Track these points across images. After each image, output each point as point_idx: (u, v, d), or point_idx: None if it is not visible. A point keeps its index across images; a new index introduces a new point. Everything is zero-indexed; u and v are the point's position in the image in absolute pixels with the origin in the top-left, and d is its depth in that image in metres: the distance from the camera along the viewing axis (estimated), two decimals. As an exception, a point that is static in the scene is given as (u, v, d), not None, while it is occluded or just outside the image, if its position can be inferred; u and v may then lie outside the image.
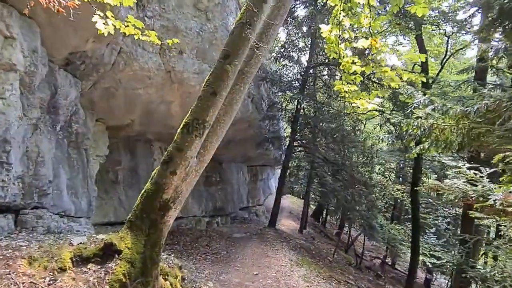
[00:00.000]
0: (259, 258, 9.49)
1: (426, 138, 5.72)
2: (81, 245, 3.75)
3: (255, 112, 12.19)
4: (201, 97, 4.06)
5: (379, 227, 14.44)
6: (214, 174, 15.54)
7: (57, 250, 3.53)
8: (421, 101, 5.93)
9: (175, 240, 10.68)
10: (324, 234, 20.59)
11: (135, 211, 4.03)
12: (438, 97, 6.24)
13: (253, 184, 21.69)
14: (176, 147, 3.98)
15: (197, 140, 3.99)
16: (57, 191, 6.38)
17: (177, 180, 4.01)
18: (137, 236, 3.91)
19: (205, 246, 10.51)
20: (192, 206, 13.08)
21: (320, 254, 13.19)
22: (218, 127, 4.31)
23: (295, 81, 14.06)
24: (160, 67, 7.44)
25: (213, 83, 4.04)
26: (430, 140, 5.67)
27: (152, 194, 3.98)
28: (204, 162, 4.30)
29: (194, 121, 4.00)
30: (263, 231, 13.03)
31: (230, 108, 4.37)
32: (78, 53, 6.05)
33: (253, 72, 4.52)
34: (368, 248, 21.29)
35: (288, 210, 23.68)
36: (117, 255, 3.73)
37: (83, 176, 7.54)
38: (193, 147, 3.97)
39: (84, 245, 3.77)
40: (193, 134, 3.96)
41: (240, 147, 14.50)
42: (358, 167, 14.20)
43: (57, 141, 6.45)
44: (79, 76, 6.54)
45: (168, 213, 4.05)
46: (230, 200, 16.73)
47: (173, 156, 3.96)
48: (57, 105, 6.02)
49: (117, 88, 7.33)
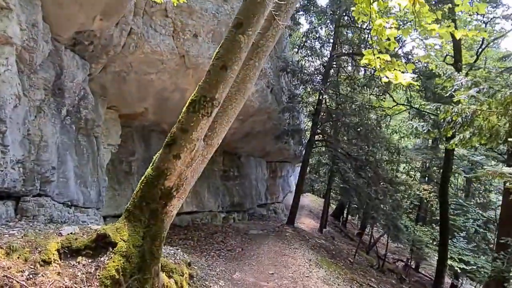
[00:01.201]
0: (276, 256, 8.97)
1: (468, 126, 5.03)
2: (71, 236, 3.34)
3: (274, 103, 11.66)
4: (210, 71, 3.57)
5: (404, 228, 13.63)
6: (232, 168, 15.12)
7: (43, 240, 3.12)
8: (463, 83, 5.21)
9: (189, 235, 10.29)
10: (345, 234, 19.85)
11: (133, 200, 3.60)
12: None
13: (272, 180, 21.16)
14: (181, 128, 3.51)
15: (204, 120, 3.50)
16: (63, 179, 6.06)
17: (181, 165, 3.54)
18: (135, 228, 3.47)
19: (220, 242, 10.08)
20: (208, 201, 12.69)
21: (341, 255, 12.54)
22: (229, 107, 3.81)
23: (316, 74, 13.40)
24: (173, 51, 7.01)
25: (224, 56, 3.54)
26: (473, 128, 4.98)
27: (152, 180, 3.53)
28: (213, 146, 3.81)
29: (201, 98, 3.51)
30: (281, 228, 12.49)
31: (243, 86, 3.86)
32: (85, 32, 5.68)
33: (270, 46, 3.99)
34: (391, 250, 20.39)
35: (308, 208, 23.04)
36: (111, 248, 3.30)
37: (93, 165, 7.21)
38: (199, 128, 3.48)
39: (75, 236, 3.35)
40: (200, 113, 3.47)
41: (258, 140, 14.01)
42: (383, 164, 13.41)
43: (64, 127, 6.12)
44: (87, 58, 6.18)
45: (170, 203, 3.60)
46: (248, 195, 16.27)
47: (177, 138, 3.50)
48: (62, 87, 5.68)
49: (128, 72, 6.96)
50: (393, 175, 13.35)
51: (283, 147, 15.90)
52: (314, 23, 13.47)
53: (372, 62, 3.44)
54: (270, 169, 21.02)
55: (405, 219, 15.30)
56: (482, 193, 19.68)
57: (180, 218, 11.16)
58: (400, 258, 19.94)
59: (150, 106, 8.55)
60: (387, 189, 11.91)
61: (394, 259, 19.84)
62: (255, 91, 9.84)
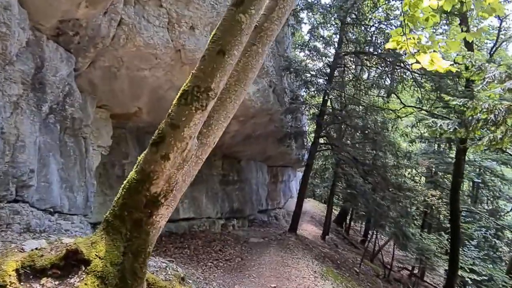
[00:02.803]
0: (278, 267, 8.36)
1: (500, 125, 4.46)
2: (35, 252, 2.76)
3: (276, 104, 11.09)
4: (205, 57, 3.01)
5: (411, 236, 13.01)
6: (232, 172, 14.52)
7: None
8: (496, 75, 4.64)
9: (186, 243, 9.69)
10: (348, 241, 19.23)
11: (113, 208, 3.02)
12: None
13: (273, 185, 20.56)
14: (170, 123, 2.95)
15: (198, 115, 2.94)
16: (45, 183, 5.49)
17: (171, 168, 2.97)
18: (114, 242, 2.89)
19: (218, 251, 9.48)
20: (206, 207, 12.09)
21: (346, 264, 11.92)
22: (227, 100, 3.25)
23: (321, 75, 12.85)
24: (168, 44, 6.46)
25: (221, 39, 2.98)
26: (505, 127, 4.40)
27: (136, 186, 2.96)
28: (208, 145, 3.24)
29: (195, 88, 2.95)
30: (283, 236, 11.89)
31: (244, 75, 3.31)
32: (70, 21, 5.15)
33: (275, 30, 3.44)
34: (395, 257, 19.77)
35: (310, 214, 22.43)
36: (84, 267, 2.72)
37: (80, 168, 6.65)
38: (192, 123, 2.92)
39: (40, 252, 2.78)
40: (193, 106, 2.92)
41: (259, 143, 13.44)
42: (392, 169, 12.82)
43: (47, 126, 5.58)
44: (73, 51, 5.63)
45: (157, 212, 3.02)
46: (248, 201, 15.66)
47: (166, 135, 2.94)
48: (44, 81, 5.12)
49: (118, 67, 6.41)
50: (401, 181, 12.73)
51: (285, 151, 15.32)
52: (318, 20, 12.94)
53: (402, 45, 2.87)
54: (271, 173, 20.44)
55: (414, 227, 14.67)
56: (491, 199, 19.05)
57: (176, 225, 10.58)
58: (405, 267, 19.29)
59: (144, 106, 7.99)
60: (396, 195, 11.32)
61: (399, 267, 19.19)
62: (257, 90, 9.29)
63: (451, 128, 5.66)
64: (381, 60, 12.20)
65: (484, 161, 16.37)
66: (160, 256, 8.46)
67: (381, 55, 11.63)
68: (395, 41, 2.96)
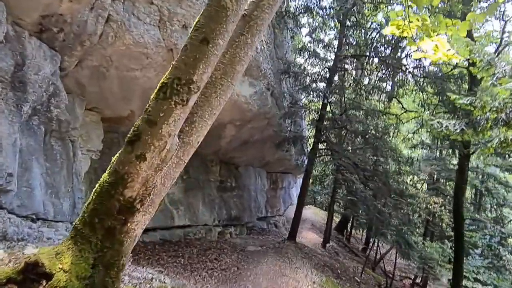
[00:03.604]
0: (275, 277, 8.00)
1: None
2: (-10, 264, 2.44)
3: (274, 108, 10.80)
4: (186, 46, 2.73)
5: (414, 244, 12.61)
6: (229, 178, 14.19)
7: None
8: (507, 70, 4.32)
9: (180, 251, 9.33)
10: (349, 249, 18.79)
11: (83, 215, 2.71)
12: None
13: (272, 192, 20.18)
14: (147, 120, 2.66)
15: (178, 110, 2.65)
16: (27, 188, 5.18)
17: (147, 169, 2.67)
18: (83, 253, 2.57)
19: (214, 260, 9.11)
20: (203, 214, 11.74)
21: (346, 273, 11.54)
22: (212, 95, 2.96)
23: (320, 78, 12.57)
24: (159, 43, 6.19)
25: (204, 26, 2.70)
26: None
27: (108, 189, 2.65)
28: (191, 145, 2.94)
29: (175, 81, 2.67)
30: (281, 244, 11.52)
31: (232, 68, 3.01)
32: (53, 16, 4.88)
33: (266, 19, 3.15)
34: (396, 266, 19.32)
35: (310, 222, 22.00)
36: (46, 282, 2.40)
37: (67, 173, 6.34)
38: (171, 120, 2.63)
39: (-4, 264, 2.46)
40: (173, 100, 2.63)
41: (257, 149, 13.12)
42: (393, 175, 12.47)
43: (30, 128, 5.29)
44: (58, 49, 5.36)
45: (132, 219, 2.70)
46: (247, 208, 15.30)
47: (142, 133, 2.64)
48: (25, 80, 4.84)
49: (107, 67, 6.14)
50: (403, 187, 12.37)
51: (284, 156, 14.99)
52: (318, 21, 12.69)
53: (403, 28, 2.56)
54: (271, 180, 20.08)
55: (416, 235, 14.27)
56: (495, 207, 18.65)
57: (171, 232, 10.23)
58: (408, 276, 18.85)
59: (137, 109, 7.70)
60: (398, 202, 10.97)
61: (401, 276, 18.75)
62: (254, 93, 9.00)
63: (458, 129, 5.34)
64: (381, 63, 11.96)
65: (487, 167, 16.02)
66: (152, 265, 8.13)
67: (381, 58, 11.39)
68: (395, 24, 2.65)
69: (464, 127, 5.31)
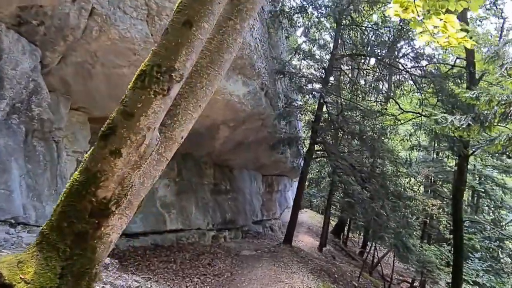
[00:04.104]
0: (270, 283, 7.70)
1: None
2: None
3: (269, 108, 10.53)
4: (168, 30, 2.46)
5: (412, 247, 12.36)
6: (224, 181, 13.88)
7: None
8: (516, 61, 4.08)
9: (172, 257, 9.01)
10: (346, 253, 18.53)
11: (51, 219, 2.41)
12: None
13: (268, 195, 19.90)
14: (123, 111, 2.38)
15: (158, 101, 2.38)
16: (5, 191, 4.87)
17: (124, 167, 2.38)
18: (48, 261, 2.28)
19: (206, 265, 8.80)
20: (196, 218, 11.40)
21: (344, 278, 11.24)
22: (197, 85, 2.68)
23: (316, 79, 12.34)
24: (147, 39, 5.92)
25: (188, 7, 2.44)
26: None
27: (79, 189, 2.36)
28: (174, 140, 2.65)
29: (154, 68, 2.41)
30: (277, 248, 11.21)
31: (219, 56, 2.74)
32: (32, 8, 4.60)
33: (257, 3, 2.89)
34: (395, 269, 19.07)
35: (307, 225, 21.76)
36: (5, 295, 2.11)
37: (51, 175, 6.04)
38: (150, 111, 2.36)
39: None
40: (151, 89, 2.36)
41: (252, 151, 12.84)
42: (391, 176, 12.22)
43: (9, 127, 5.01)
44: (39, 44, 5.07)
45: (106, 222, 2.41)
46: (242, 211, 14.98)
47: (117, 126, 2.36)
48: (1, 75, 4.55)
49: (93, 64, 5.85)
50: (401, 189, 12.13)
51: (279, 159, 14.71)
52: (313, 21, 12.45)
53: (407, 5, 2.28)
54: (266, 183, 19.81)
55: (414, 238, 14.04)
56: (492, 209, 18.49)
57: (162, 237, 9.90)
58: (405, 279, 18.61)
59: (126, 108, 7.39)
60: (397, 204, 10.72)
61: (399, 280, 18.49)
62: (247, 93, 8.73)
63: (464, 124, 5.08)
64: (378, 62, 11.75)
65: (485, 168, 15.86)
66: (141, 271, 7.81)
67: (378, 57, 11.18)
68: (399, 2, 2.37)
69: (471, 122, 5.06)
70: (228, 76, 7.71)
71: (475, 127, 5.14)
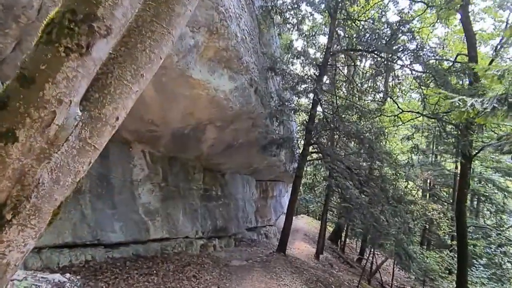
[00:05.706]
0: (260, 298, 6.95)
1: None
2: None
3: (259, 107, 9.83)
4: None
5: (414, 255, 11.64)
6: (215, 186, 13.15)
7: None
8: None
9: (154, 269, 8.23)
10: (344, 260, 17.79)
11: None
12: None
13: (263, 201, 19.19)
14: (20, 77, 1.67)
15: (74, 62, 1.66)
16: None
17: (22, 157, 1.66)
18: None
19: (191, 277, 8.04)
20: (183, 225, 10.65)
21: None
22: (138, 46, 1.96)
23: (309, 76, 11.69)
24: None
25: None
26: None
27: (-43, 189, 1.64)
28: (104, 121, 1.92)
29: (66, 15, 1.70)
30: (269, 258, 10.46)
31: (168, 8, 2.03)
32: (-30, -20, 3.90)
33: None
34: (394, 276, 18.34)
35: (303, 231, 21.07)
36: None
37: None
38: (61, 76, 1.64)
39: None
40: (61, 45, 1.65)
41: (243, 154, 12.11)
42: (392, 180, 11.54)
43: None
44: (-16, 25, 4.36)
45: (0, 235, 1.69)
46: (234, 218, 14.24)
47: (10, 98, 1.64)
48: None
49: (53, 51, 5.10)
50: (401, 193, 11.45)
51: (273, 163, 14.00)
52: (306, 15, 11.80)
53: None
54: (261, 188, 19.10)
55: (415, 245, 13.35)
56: (494, 213, 17.86)
57: (145, 247, 9.13)
58: (405, 287, 17.89)
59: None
60: (397, 209, 10.02)
61: (397, 287, 17.80)
62: (234, 88, 8.03)
63: (488, 107, 4.38)
64: (374, 58, 11.14)
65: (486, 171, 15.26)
66: (118, 285, 7.05)
67: (374, 51, 10.56)
68: None
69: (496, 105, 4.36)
70: (211, 68, 7.01)
71: (503, 110, 4.45)
